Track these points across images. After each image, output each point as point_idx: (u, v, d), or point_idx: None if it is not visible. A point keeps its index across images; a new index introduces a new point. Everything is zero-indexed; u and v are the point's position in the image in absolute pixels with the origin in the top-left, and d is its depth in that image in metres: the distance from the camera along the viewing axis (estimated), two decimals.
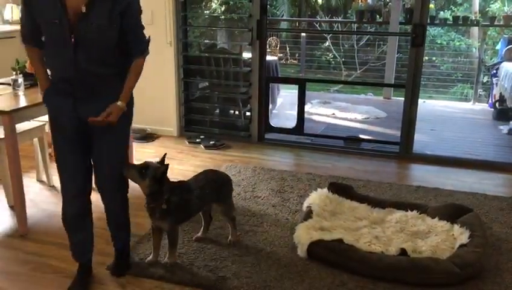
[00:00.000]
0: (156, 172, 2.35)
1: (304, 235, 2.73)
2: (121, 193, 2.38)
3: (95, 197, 2.36)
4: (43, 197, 3.44)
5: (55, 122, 2.24)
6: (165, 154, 2.47)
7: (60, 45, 2.07)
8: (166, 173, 2.40)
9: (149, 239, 2.82)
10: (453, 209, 3.02)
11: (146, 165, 2.36)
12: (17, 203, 2.93)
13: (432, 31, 9.04)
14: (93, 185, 2.34)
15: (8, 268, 2.57)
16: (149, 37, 2.24)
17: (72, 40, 2.04)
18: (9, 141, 2.79)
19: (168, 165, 2.40)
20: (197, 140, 4.72)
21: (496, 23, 7.47)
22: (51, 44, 2.12)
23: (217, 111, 5.25)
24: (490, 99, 6.77)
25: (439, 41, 9.08)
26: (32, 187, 3.56)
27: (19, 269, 2.56)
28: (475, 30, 9.12)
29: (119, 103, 2.15)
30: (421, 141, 4.81)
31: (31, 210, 3.10)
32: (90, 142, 2.23)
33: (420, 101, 4.39)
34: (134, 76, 2.21)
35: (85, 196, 2.31)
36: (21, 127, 3.17)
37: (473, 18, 7.90)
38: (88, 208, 2.35)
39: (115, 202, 2.38)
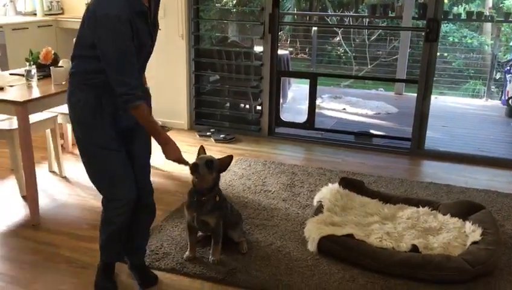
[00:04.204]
0: (221, 166, 2.40)
1: (315, 229, 2.73)
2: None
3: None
4: (55, 188, 3.47)
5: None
6: (201, 146, 2.50)
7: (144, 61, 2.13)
8: (230, 164, 2.44)
9: (160, 231, 2.84)
10: (465, 206, 3.00)
11: (210, 159, 2.39)
12: (30, 194, 2.95)
13: (444, 27, 8.94)
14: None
15: (21, 257, 2.60)
16: None
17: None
18: (22, 131, 2.81)
19: (232, 156, 2.43)
20: (208, 133, 4.73)
21: (510, 19, 7.37)
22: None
23: (228, 105, 5.24)
24: (503, 96, 6.69)
25: (451, 39, 8.98)
26: (44, 178, 3.58)
27: (31, 259, 2.58)
28: (488, 26, 9.01)
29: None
30: (433, 137, 4.77)
31: (43, 201, 3.13)
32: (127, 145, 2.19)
33: (432, 97, 4.35)
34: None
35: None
36: (34, 118, 3.20)
37: (487, 13, 7.80)
38: None
39: (150, 200, 2.33)
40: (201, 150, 2.50)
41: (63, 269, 2.49)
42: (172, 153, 2.12)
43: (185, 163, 2.20)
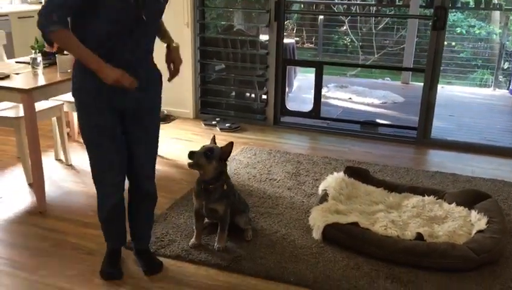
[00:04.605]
0: (223, 153, 2.38)
1: (320, 217, 2.73)
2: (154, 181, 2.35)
3: None
4: (61, 176, 3.49)
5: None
6: (214, 136, 2.50)
7: (126, 25, 1.92)
8: (231, 151, 2.42)
9: (165, 218, 2.85)
10: (471, 195, 2.99)
11: (210, 148, 2.36)
12: (36, 181, 2.97)
13: (451, 16, 8.83)
14: None
15: (28, 244, 2.62)
16: None
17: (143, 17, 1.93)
18: (29, 119, 2.82)
19: (232, 143, 2.41)
20: (213, 122, 4.73)
21: None
22: (112, 26, 1.91)
23: (233, 94, 5.23)
24: (511, 85, 6.63)
25: (458, 30, 8.89)
26: (50, 166, 3.60)
27: (38, 245, 2.60)
28: (496, 15, 8.89)
29: (174, 44, 2.22)
30: (439, 126, 4.75)
31: (49, 188, 3.15)
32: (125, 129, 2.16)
33: (439, 86, 4.31)
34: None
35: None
36: (40, 106, 3.21)
37: (496, 2, 7.70)
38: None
39: (149, 186, 2.32)
40: (212, 140, 2.51)
41: (69, 255, 2.51)
42: (109, 77, 1.90)
43: (127, 79, 1.94)
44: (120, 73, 1.92)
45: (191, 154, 2.34)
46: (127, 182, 2.27)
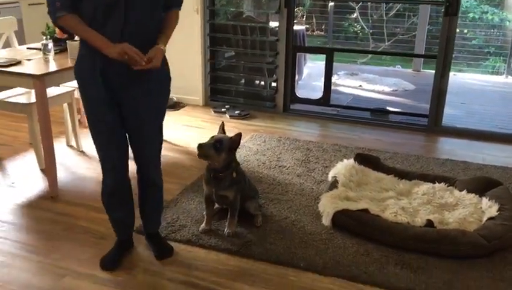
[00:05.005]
0: (232, 144, 2.39)
1: (329, 204, 2.73)
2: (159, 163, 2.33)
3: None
4: (72, 162, 3.52)
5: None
6: (223, 122, 2.50)
7: (109, 7, 1.91)
8: (240, 142, 2.43)
9: (175, 204, 2.87)
10: (482, 183, 2.97)
11: (219, 139, 2.37)
12: (48, 167, 3.01)
13: (464, 2, 8.70)
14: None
15: (41, 228, 2.66)
16: None
17: None
18: (40, 105, 2.85)
19: (241, 133, 2.42)
20: (223, 109, 4.73)
21: None
22: (97, 8, 1.92)
23: (243, 81, 5.22)
24: None
25: (471, 15, 8.75)
26: (62, 152, 3.63)
27: (50, 229, 2.64)
28: (510, 1, 8.75)
29: (161, 46, 2.03)
30: (451, 114, 4.70)
31: (61, 174, 3.18)
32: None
33: (450, 74, 4.27)
34: (174, 27, 2.13)
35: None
36: (51, 92, 3.23)
37: None
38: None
39: (152, 174, 2.30)
40: (221, 127, 2.51)
41: (81, 239, 2.54)
42: (113, 51, 1.91)
43: (130, 50, 1.92)
44: (121, 46, 1.91)
45: (200, 147, 2.35)
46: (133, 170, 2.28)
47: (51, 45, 3.10)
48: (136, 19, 1.96)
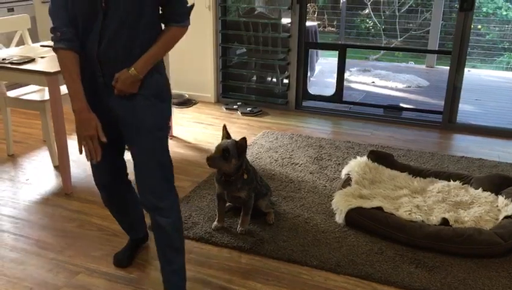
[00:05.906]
0: (239, 148, 2.38)
1: (343, 202, 2.71)
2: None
3: None
4: (85, 159, 3.52)
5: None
6: (224, 125, 2.48)
7: (87, 20, 1.73)
8: (247, 146, 2.42)
9: (188, 201, 2.87)
10: (498, 180, 2.92)
11: (226, 148, 2.35)
12: (62, 164, 3.02)
13: None
14: None
15: (55, 225, 2.67)
16: (193, 4, 1.84)
17: (103, 5, 1.69)
18: (54, 102, 2.86)
19: (245, 138, 2.40)
20: (234, 106, 4.72)
21: None
22: (77, 19, 1.74)
23: (255, 77, 5.21)
24: None
25: (484, 10, 8.63)
26: (75, 149, 3.64)
27: (64, 226, 2.65)
28: None
29: (131, 70, 1.75)
30: (465, 111, 4.65)
31: (74, 171, 3.20)
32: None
33: (465, 70, 4.21)
34: (162, 45, 1.78)
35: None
36: (64, 89, 3.23)
37: None
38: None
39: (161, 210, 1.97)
40: (224, 131, 2.48)
41: (95, 236, 2.55)
42: (76, 113, 1.82)
43: (89, 137, 1.89)
44: (88, 118, 1.82)
45: (209, 160, 2.34)
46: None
47: None
48: (114, 34, 1.72)
